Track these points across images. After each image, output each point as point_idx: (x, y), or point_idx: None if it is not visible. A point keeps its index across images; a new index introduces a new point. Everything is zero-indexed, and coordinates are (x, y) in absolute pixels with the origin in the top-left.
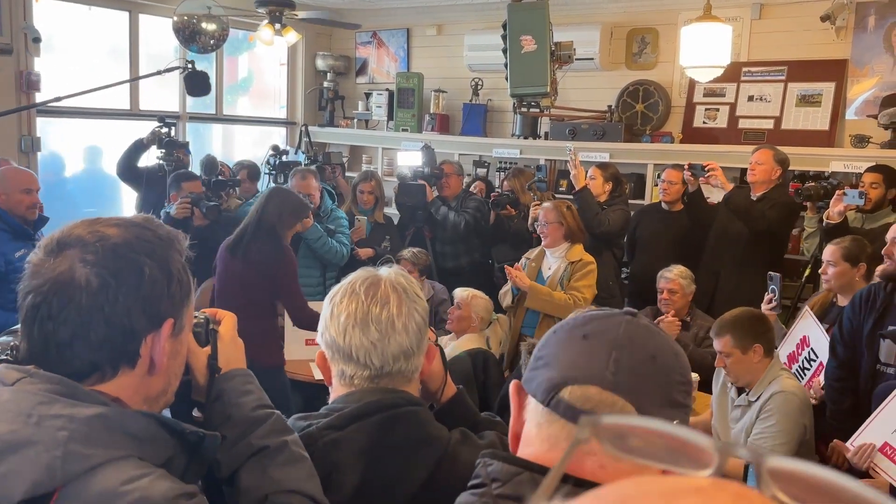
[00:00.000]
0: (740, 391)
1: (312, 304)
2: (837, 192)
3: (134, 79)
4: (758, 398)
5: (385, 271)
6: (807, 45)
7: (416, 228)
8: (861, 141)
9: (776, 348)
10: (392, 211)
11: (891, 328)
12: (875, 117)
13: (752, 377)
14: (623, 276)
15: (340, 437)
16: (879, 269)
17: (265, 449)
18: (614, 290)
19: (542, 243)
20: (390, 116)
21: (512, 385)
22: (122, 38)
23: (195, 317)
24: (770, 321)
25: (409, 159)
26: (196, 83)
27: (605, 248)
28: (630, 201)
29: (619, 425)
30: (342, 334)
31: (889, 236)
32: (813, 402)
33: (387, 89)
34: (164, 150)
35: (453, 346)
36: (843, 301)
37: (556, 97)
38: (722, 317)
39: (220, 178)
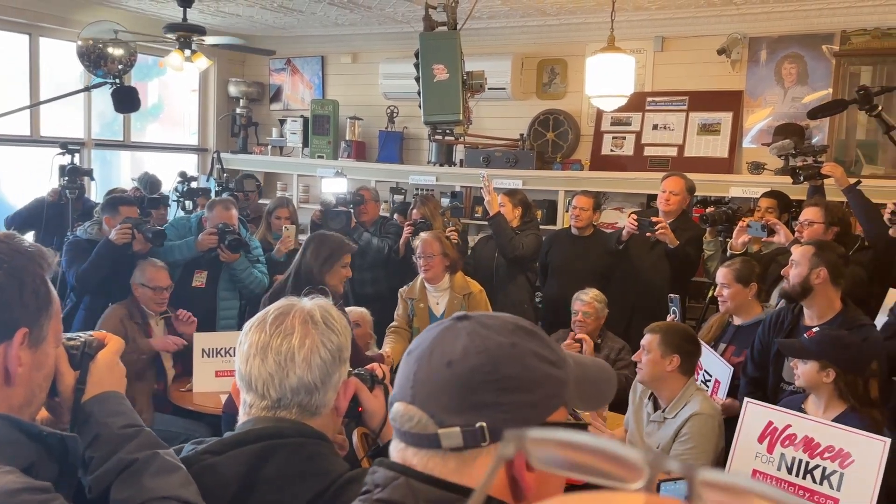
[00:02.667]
0: (656, 407)
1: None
2: (740, 223)
3: (58, 98)
4: (675, 416)
5: (305, 302)
6: (706, 76)
7: None
8: (757, 168)
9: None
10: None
11: (780, 339)
12: (769, 145)
13: (660, 385)
14: (537, 299)
15: (216, 462)
16: (782, 290)
17: (135, 462)
18: (528, 312)
19: (423, 276)
20: (305, 143)
21: None
22: (22, 62)
23: (75, 338)
24: (699, 347)
25: (334, 186)
26: (124, 99)
27: (519, 271)
28: (542, 227)
29: (546, 439)
30: (245, 363)
31: (792, 258)
32: None
33: (302, 116)
34: (66, 178)
35: None
36: (737, 320)
37: (470, 125)
38: (661, 321)
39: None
